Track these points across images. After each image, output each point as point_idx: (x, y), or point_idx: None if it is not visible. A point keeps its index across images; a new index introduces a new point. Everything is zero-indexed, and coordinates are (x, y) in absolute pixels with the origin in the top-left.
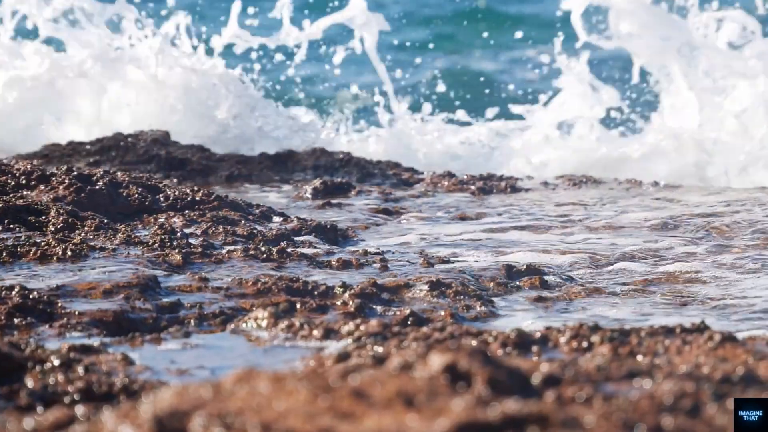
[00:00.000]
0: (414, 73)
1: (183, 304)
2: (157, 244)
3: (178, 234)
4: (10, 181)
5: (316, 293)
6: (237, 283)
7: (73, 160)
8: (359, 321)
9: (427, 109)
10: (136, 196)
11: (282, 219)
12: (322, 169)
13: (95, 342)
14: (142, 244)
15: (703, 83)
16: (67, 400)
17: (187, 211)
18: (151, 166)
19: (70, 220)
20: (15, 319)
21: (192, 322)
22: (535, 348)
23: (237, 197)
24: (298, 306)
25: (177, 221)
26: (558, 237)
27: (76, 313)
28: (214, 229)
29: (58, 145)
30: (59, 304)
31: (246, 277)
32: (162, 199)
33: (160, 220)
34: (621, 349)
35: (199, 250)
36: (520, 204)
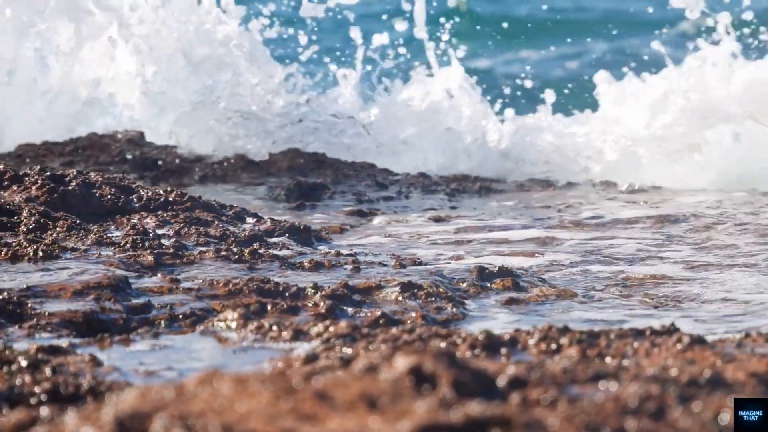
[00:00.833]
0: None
1: (153, 305)
2: (129, 245)
3: (151, 235)
4: None
5: (287, 294)
6: (208, 284)
7: (47, 161)
8: (328, 322)
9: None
10: (109, 196)
11: (255, 220)
12: (297, 170)
13: (64, 343)
14: (114, 244)
15: None
16: (33, 401)
17: (160, 212)
18: (126, 166)
19: (42, 220)
20: None
21: (162, 323)
22: (503, 350)
23: (211, 198)
24: (269, 307)
25: (150, 222)
26: (532, 239)
27: (46, 313)
28: (186, 230)
29: (32, 145)
30: (29, 305)
31: (217, 278)
32: (135, 199)
33: (132, 221)
34: (589, 351)
35: (171, 251)
36: (494, 205)
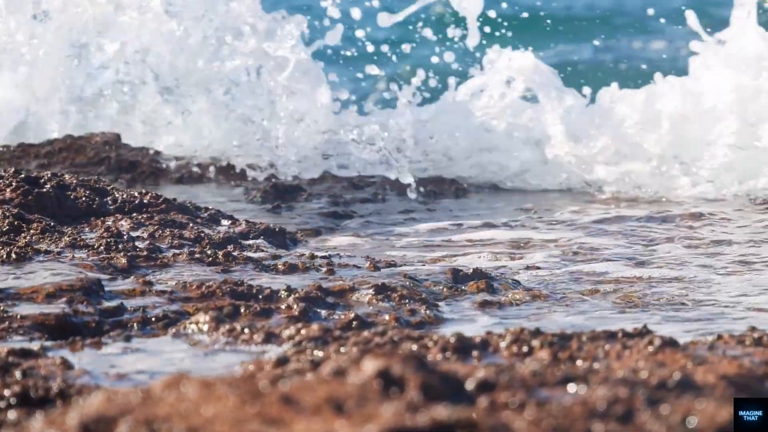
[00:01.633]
0: None
1: (126, 307)
2: (102, 248)
3: (125, 237)
4: None
5: (260, 297)
6: (181, 287)
7: (23, 162)
8: (300, 325)
9: None
10: (84, 198)
11: (230, 222)
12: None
13: (35, 346)
14: (87, 247)
15: None
16: (2, 404)
17: (134, 214)
18: (102, 168)
19: (16, 222)
20: None
21: (135, 326)
22: (475, 353)
23: (186, 200)
24: (242, 310)
25: (124, 224)
26: (506, 241)
27: (18, 316)
28: (161, 232)
29: (7, 146)
30: (1, 308)
31: (190, 280)
32: (110, 201)
33: (107, 223)
34: (561, 354)
35: (145, 253)
36: (469, 208)
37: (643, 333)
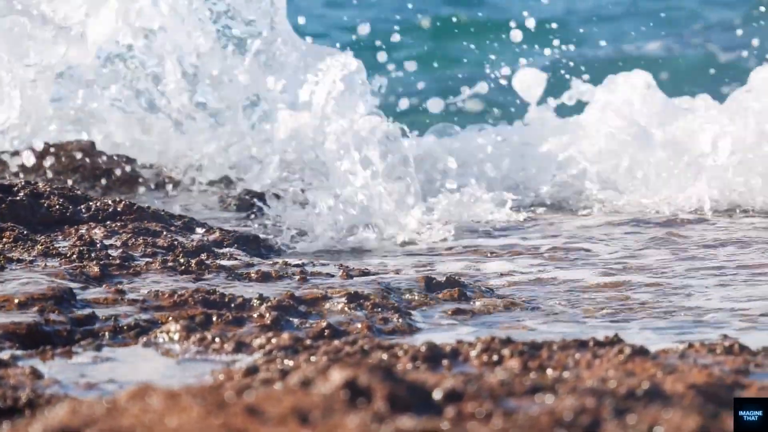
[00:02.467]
0: None
1: (98, 316)
2: (75, 256)
3: (98, 245)
4: None
5: (233, 305)
6: (153, 296)
7: None
8: (271, 334)
9: None
10: (58, 207)
11: (204, 230)
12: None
13: (5, 355)
14: (60, 255)
15: None
16: None
17: (108, 222)
18: (77, 176)
19: None
20: None
21: (106, 334)
22: (445, 362)
23: (161, 208)
24: (214, 318)
25: (98, 232)
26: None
27: None
28: (134, 240)
29: None
30: None
31: (163, 289)
32: (83, 210)
33: (80, 232)
34: (531, 363)
35: (118, 261)
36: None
37: (614, 342)
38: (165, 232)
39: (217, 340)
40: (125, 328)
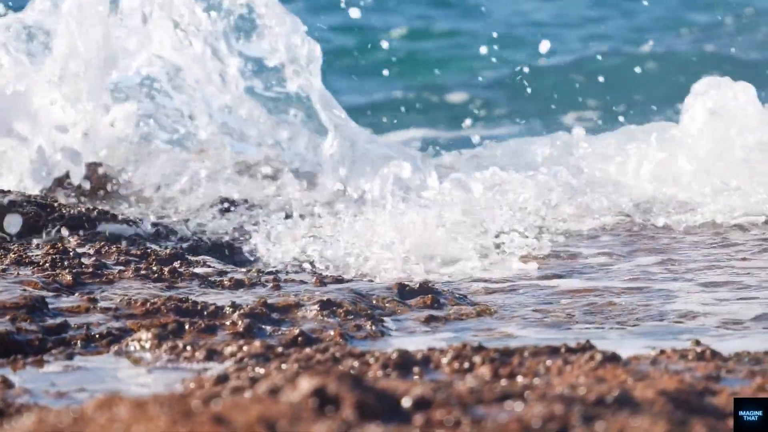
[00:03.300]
0: None
1: (70, 325)
2: (48, 264)
3: (71, 254)
4: None
5: (205, 313)
6: (126, 304)
7: None
8: (242, 342)
9: None
10: (32, 214)
11: (178, 237)
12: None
13: None
14: (33, 264)
15: None
16: None
17: (81, 231)
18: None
19: None
20: None
21: (78, 343)
22: (416, 369)
23: (136, 215)
24: (187, 326)
25: (71, 240)
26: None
27: None
28: (107, 248)
29: None
30: None
31: (135, 297)
32: (57, 218)
33: (53, 240)
34: (502, 370)
35: (91, 270)
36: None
37: (585, 348)
38: (139, 240)
39: (189, 348)
40: (97, 336)
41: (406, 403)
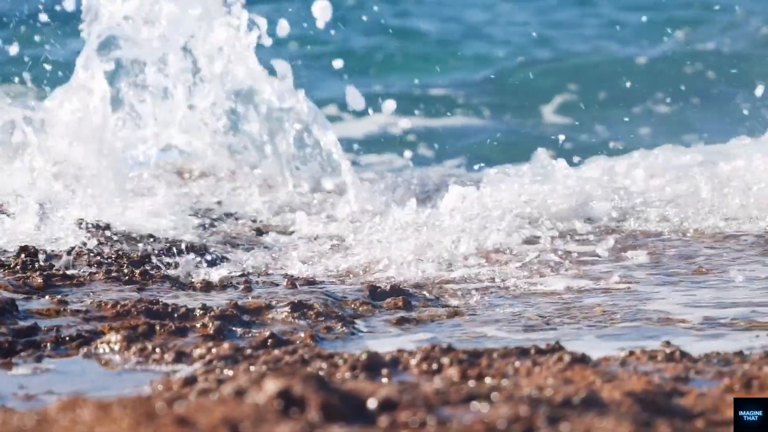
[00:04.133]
0: None
1: (40, 327)
2: (18, 267)
3: (42, 256)
4: None
5: (176, 315)
6: (96, 306)
7: None
8: (211, 344)
9: None
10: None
11: (151, 239)
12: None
13: None
14: (3, 266)
15: None
16: None
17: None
18: None
19: None
20: None
21: (48, 345)
22: (385, 371)
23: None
24: (157, 328)
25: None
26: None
27: None
28: (79, 250)
29: None
30: None
31: (106, 299)
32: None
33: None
34: (470, 371)
35: (61, 272)
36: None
37: (555, 349)
38: (110, 242)
39: (158, 350)
40: (67, 338)
41: (372, 404)
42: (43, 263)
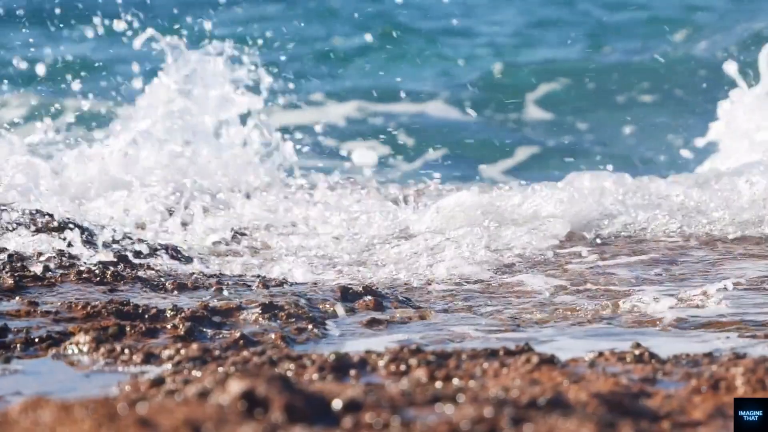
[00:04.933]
0: None
1: (10, 328)
2: None
3: (14, 257)
4: None
5: (146, 316)
6: (66, 307)
7: None
8: (179, 345)
9: None
10: None
11: (124, 240)
12: None
13: None
14: None
15: None
16: None
17: (25, 233)
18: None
19: None
20: None
21: (18, 347)
22: (353, 372)
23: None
24: (127, 329)
25: (14, 244)
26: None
27: None
28: (51, 250)
29: None
30: None
31: (76, 300)
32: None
33: None
34: (438, 373)
35: (32, 273)
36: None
37: (524, 350)
38: (84, 243)
39: (127, 351)
40: (37, 340)
41: (337, 405)
42: (14, 264)
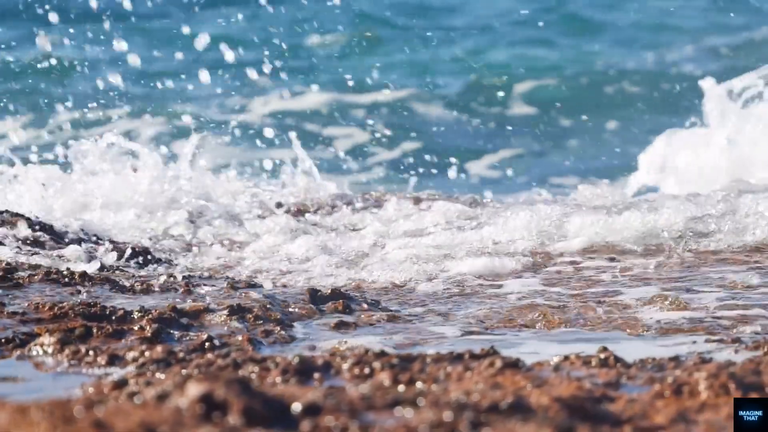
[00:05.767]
0: None
1: None
2: None
3: None
4: None
5: (113, 318)
6: (33, 308)
7: None
8: (144, 347)
9: None
10: None
11: (94, 243)
12: None
13: None
14: None
15: None
16: None
17: None
18: None
19: None
20: None
21: None
22: (317, 375)
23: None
24: (94, 331)
25: None
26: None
27: None
28: (19, 252)
29: None
30: None
31: (43, 301)
32: None
33: None
34: (401, 376)
35: (0, 274)
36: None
37: (489, 354)
38: (54, 244)
39: (91, 353)
40: (3, 341)
41: (296, 409)
42: None
